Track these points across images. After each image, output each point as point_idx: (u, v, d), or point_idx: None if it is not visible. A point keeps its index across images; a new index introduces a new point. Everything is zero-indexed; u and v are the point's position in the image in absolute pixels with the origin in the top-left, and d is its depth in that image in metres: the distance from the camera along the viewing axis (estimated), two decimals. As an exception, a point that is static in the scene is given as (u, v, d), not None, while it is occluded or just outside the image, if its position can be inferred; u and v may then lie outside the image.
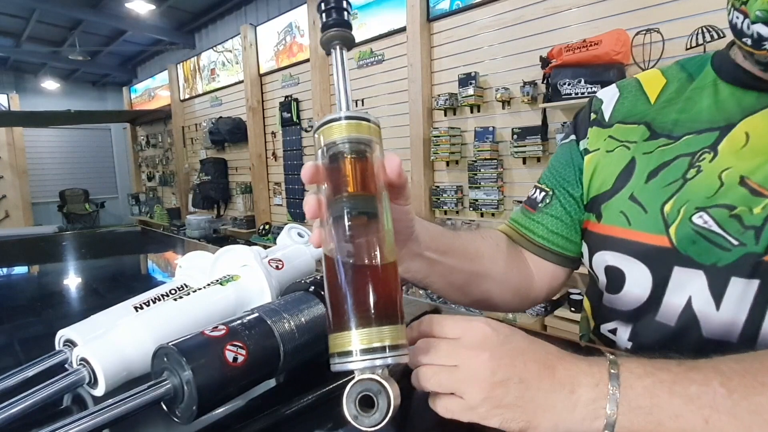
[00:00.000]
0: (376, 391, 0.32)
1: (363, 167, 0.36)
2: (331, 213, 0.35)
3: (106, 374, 0.40)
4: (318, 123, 0.37)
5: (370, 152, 0.37)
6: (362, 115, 0.37)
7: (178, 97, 6.62)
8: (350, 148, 0.36)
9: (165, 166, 7.41)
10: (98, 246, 1.53)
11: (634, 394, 0.34)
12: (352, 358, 0.32)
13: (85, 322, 0.48)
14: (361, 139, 0.36)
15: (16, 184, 7.57)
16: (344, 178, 0.36)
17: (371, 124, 0.37)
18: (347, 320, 0.33)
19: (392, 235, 0.36)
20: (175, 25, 6.20)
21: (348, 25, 0.40)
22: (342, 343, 0.33)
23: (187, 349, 0.36)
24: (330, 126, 0.36)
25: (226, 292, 0.51)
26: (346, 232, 0.34)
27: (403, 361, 0.33)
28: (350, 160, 0.36)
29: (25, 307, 0.83)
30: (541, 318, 2.68)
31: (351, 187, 0.35)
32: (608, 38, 2.27)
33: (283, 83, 4.77)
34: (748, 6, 0.45)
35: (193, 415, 0.35)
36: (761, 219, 0.46)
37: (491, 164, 2.87)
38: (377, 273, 0.34)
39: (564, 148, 0.66)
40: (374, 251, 0.34)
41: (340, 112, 0.37)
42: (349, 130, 0.36)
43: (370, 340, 0.32)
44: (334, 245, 0.35)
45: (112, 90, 8.99)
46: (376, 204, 0.36)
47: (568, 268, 0.65)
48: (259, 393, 0.44)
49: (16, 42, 6.55)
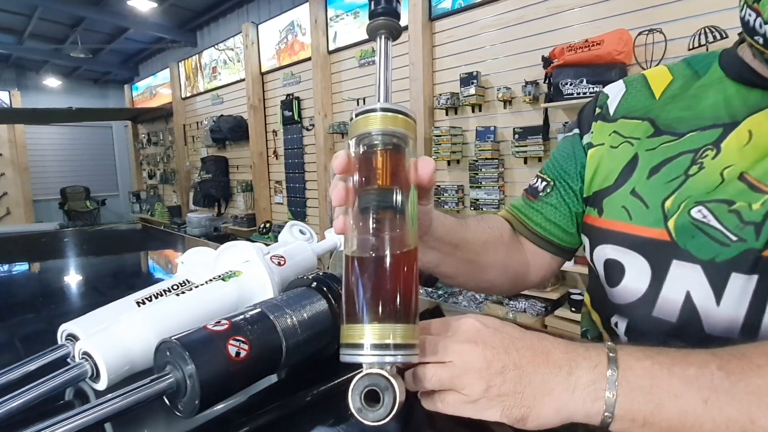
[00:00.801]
0: (383, 387, 0.32)
1: (396, 162, 0.35)
2: (358, 204, 0.35)
3: (109, 368, 0.40)
4: (355, 112, 0.36)
5: (404, 147, 0.36)
6: (400, 109, 0.36)
7: (180, 95, 6.62)
8: (385, 140, 0.35)
9: (166, 164, 7.42)
10: (100, 243, 1.53)
11: (634, 375, 0.34)
12: (362, 352, 0.32)
13: (88, 317, 0.48)
14: (397, 133, 0.36)
15: (17, 181, 7.57)
16: (376, 170, 0.35)
17: (408, 118, 0.36)
18: (361, 313, 0.32)
19: (416, 234, 0.36)
20: (176, 23, 6.20)
21: (396, 15, 0.39)
22: (354, 334, 0.32)
23: (190, 343, 0.36)
24: (366, 116, 0.35)
25: (229, 288, 0.51)
26: (372, 225, 0.34)
27: (413, 361, 0.33)
28: (384, 153, 0.35)
29: (27, 303, 0.83)
30: (541, 318, 2.68)
31: (381, 180, 0.35)
32: (610, 38, 2.27)
33: (284, 82, 4.77)
34: (761, 5, 0.45)
35: (195, 410, 0.35)
36: (761, 215, 0.46)
37: (492, 164, 2.87)
38: (398, 270, 0.34)
39: (567, 141, 0.68)
40: (397, 248, 0.34)
41: (377, 103, 0.36)
42: (385, 122, 0.35)
43: (383, 335, 0.32)
44: (357, 236, 0.34)
45: (113, 87, 8.99)
46: (404, 200, 0.35)
47: (561, 258, 0.67)
48: (260, 388, 0.44)
49: (19, 39, 6.55)
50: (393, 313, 0.32)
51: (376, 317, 0.32)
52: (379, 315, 0.32)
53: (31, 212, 7.81)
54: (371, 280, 0.33)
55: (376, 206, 0.34)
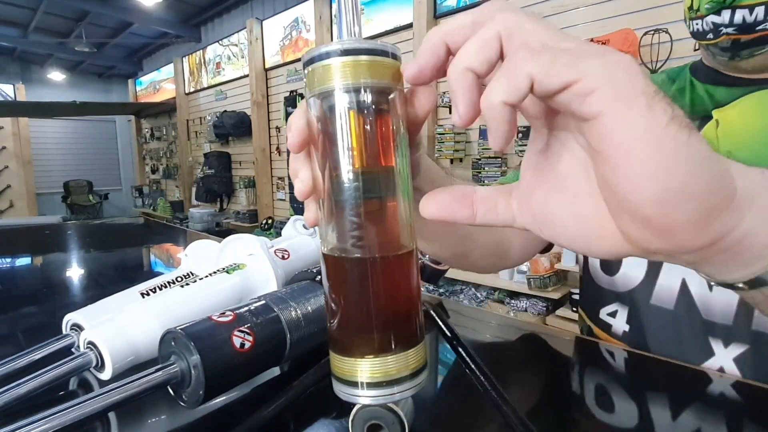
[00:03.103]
0: (390, 422, 0.26)
1: (379, 129, 0.24)
2: (331, 192, 0.24)
3: (114, 357, 0.40)
4: (309, 54, 0.23)
5: (388, 106, 0.24)
6: (376, 47, 0.23)
7: (183, 90, 6.63)
8: (360, 100, 0.23)
9: (169, 159, 7.43)
10: (103, 236, 1.53)
11: None
12: (358, 392, 0.25)
13: (92, 307, 0.48)
14: (377, 86, 0.23)
15: (20, 174, 7.60)
16: (350, 148, 0.23)
17: (389, 59, 0.24)
18: (352, 345, 0.25)
19: (414, 228, 0.26)
20: (181, 18, 6.20)
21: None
22: (346, 370, 0.25)
23: (195, 333, 0.36)
24: (324, 65, 0.23)
25: (233, 281, 0.51)
26: (352, 230, 0.24)
27: (420, 388, 0.26)
28: (360, 118, 0.23)
29: (31, 294, 0.83)
30: (542, 317, 2.68)
31: (359, 161, 0.23)
32: (616, 38, 2.26)
33: (288, 78, 4.77)
34: (698, 6, 0.54)
35: (199, 400, 0.35)
36: None
37: (495, 162, 2.87)
38: (395, 286, 0.25)
39: None
40: (391, 252, 0.25)
41: (342, 41, 0.23)
42: (356, 72, 0.23)
43: (384, 372, 0.24)
44: (336, 241, 0.25)
45: (117, 82, 9.00)
46: (394, 184, 0.24)
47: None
48: (263, 381, 0.44)
49: (23, 32, 6.56)
50: (392, 343, 0.24)
51: (371, 350, 0.24)
52: (375, 347, 0.24)
53: (34, 205, 7.83)
54: (361, 303, 0.24)
55: (355, 199, 0.24)
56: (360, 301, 0.25)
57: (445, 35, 0.22)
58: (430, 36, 0.23)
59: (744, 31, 0.52)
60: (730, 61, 0.55)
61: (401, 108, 0.25)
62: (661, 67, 2.22)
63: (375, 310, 0.24)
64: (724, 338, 0.52)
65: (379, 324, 0.24)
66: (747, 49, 0.53)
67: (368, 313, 0.24)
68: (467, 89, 0.20)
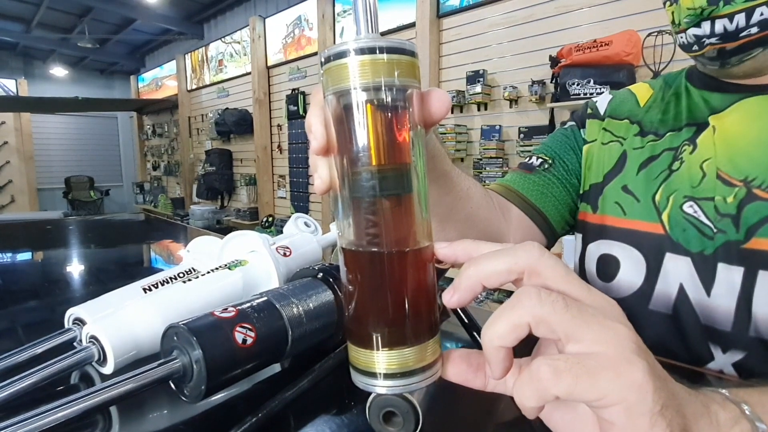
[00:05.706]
0: (404, 410, 0.27)
1: (397, 127, 0.25)
2: (349, 189, 0.25)
3: (116, 351, 0.40)
4: (328, 52, 0.24)
5: (407, 103, 0.25)
6: (397, 45, 0.24)
7: (186, 87, 6.63)
8: (378, 100, 0.24)
9: (170, 156, 7.44)
10: (104, 232, 1.54)
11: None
12: (377, 382, 0.26)
13: (95, 302, 0.48)
14: (397, 85, 0.24)
15: (22, 170, 7.60)
16: (368, 145, 0.24)
17: (408, 57, 0.24)
18: (370, 337, 0.25)
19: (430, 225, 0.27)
20: (184, 15, 6.20)
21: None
22: (364, 361, 0.26)
23: (197, 328, 0.36)
24: (340, 64, 0.24)
25: (234, 277, 0.51)
26: (369, 225, 0.25)
27: (435, 379, 0.26)
28: (378, 116, 0.24)
29: (33, 289, 0.84)
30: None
31: (377, 159, 0.24)
32: (619, 39, 2.26)
33: (290, 76, 4.77)
34: (678, 21, 0.53)
35: (201, 395, 0.36)
36: (734, 207, 0.50)
37: (497, 162, 2.87)
38: (412, 281, 0.26)
39: (566, 131, 0.70)
40: (407, 250, 0.25)
41: (359, 38, 0.24)
42: (375, 71, 0.23)
43: (401, 364, 0.25)
44: (354, 236, 0.26)
45: (119, 78, 9.01)
46: (411, 182, 0.25)
47: (542, 235, 0.64)
48: (265, 377, 0.44)
49: (26, 28, 6.57)
50: (409, 336, 0.25)
51: (389, 342, 0.25)
52: (391, 340, 0.25)
53: (35, 201, 7.84)
54: (378, 298, 0.25)
55: (373, 196, 0.25)
56: (378, 295, 0.26)
57: (482, 278, 0.25)
58: (469, 273, 0.25)
59: (727, 40, 0.51)
60: (720, 69, 0.55)
61: (417, 104, 0.26)
62: (664, 69, 2.21)
63: (392, 304, 0.25)
64: (723, 344, 0.52)
65: (397, 318, 0.25)
66: (735, 56, 0.52)
67: (386, 308, 0.25)
68: (501, 360, 0.25)
